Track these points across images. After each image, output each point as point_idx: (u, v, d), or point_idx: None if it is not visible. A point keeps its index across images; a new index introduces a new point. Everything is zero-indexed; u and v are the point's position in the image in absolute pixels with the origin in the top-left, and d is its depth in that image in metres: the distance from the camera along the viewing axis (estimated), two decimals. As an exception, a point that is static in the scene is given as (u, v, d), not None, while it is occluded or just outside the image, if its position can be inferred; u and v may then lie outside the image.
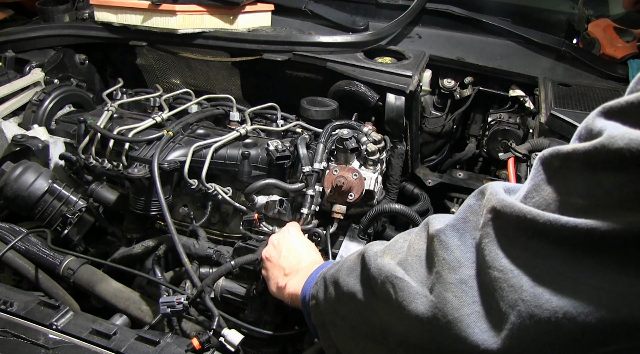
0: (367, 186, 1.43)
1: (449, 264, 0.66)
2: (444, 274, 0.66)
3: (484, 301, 0.62)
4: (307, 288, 0.99)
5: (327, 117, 1.61)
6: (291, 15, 2.09)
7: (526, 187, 0.61)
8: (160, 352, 1.02)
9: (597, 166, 0.52)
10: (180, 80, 2.07)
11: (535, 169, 0.61)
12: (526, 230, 0.57)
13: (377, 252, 0.80)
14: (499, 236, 0.61)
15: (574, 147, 0.55)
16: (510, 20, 1.98)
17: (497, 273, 0.59)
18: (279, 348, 1.33)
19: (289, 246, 1.19)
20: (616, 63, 1.86)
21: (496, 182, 0.68)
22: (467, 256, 0.65)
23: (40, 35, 1.98)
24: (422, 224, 0.78)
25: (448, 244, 0.68)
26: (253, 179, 1.49)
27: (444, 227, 0.70)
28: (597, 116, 0.55)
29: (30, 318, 1.08)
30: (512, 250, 0.59)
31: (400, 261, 0.75)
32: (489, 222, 0.63)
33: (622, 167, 0.50)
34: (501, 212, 0.61)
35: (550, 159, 0.58)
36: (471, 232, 0.67)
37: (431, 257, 0.70)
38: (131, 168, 1.43)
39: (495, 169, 2.05)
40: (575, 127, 1.43)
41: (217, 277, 1.25)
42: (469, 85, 1.96)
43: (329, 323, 0.90)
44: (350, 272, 0.84)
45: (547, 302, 0.54)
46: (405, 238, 0.81)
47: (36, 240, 1.47)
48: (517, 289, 0.57)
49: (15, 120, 1.74)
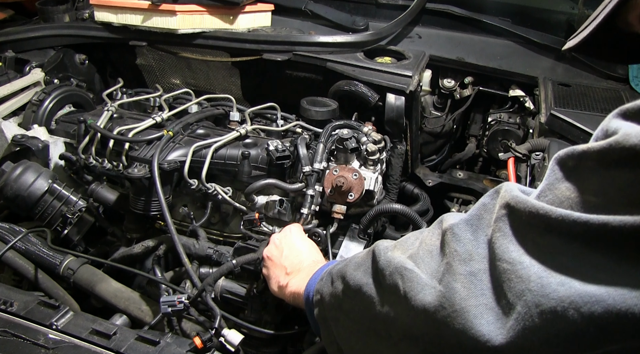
0: (367, 186, 1.43)
1: (460, 256, 0.66)
2: (454, 265, 0.66)
3: (492, 294, 0.62)
4: (310, 285, 0.99)
5: (327, 117, 1.61)
6: (291, 15, 2.09)
7: (541, 186, 0.62)
8: (160, 352, 1.02)
9: (611, 163, 0.53)
10: (180, 80, 2.07)
11: (551, 169, 0.61)
12: (538, 225, 0.58)
13: (387, 247, 0.81)
14: (511, 230, 0.61)
15: (588, 146, 0.55)
16: (510, 20, 1.98)
17: (506, 265, 0.60)
18: (279, 348, 1.33)
19: (290, 246, 1.19)
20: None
21: (512, 183, 0.69)
22: (479, 251, 0.66)
23: (40, 35, 1.98)
24: (436, 222, 0.78)
25: (460, 237, 0.68)
26: (253, 179, 1.49)
27: (457, 222, 0.71)
28: (613, 117, 0.56)
29: (30, 318, 1.08)
30: (524, 244, 0.59)
31: (411, 255, 0.75)
32: (502, 217, 0.63)
33: (636, 163, 0.50)
34: (514, 208, 0.61)
35: (565, 159, 0.59)
36: (484, 229, 0.67)
37: (443, 249, 0.71)
38: (131, 168, 1.43)
39: (495, 169, 2.05)
40: (576, 127, 1.45)
41: (219, 276, 1.26)
42: (469, 85, 1.96)
43: (331, 319, 0.89)
44: (359, 266, 0.84)
45: (553, 292, 0.54)
46: (417, 236, 0.81)
47: (36, 240, 1.47)
48: (525, 280, 0.57)
49: (15, 120, 1.75)
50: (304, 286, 1.01)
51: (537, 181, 1.34)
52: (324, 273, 0.95)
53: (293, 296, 1.06)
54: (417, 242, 0.78)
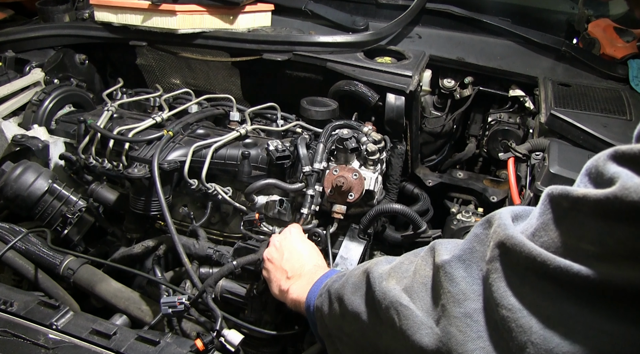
0: (367, 186, 1.43)
1: (454, 297, 0.66)
2: (449, 308, 0.66)
3: (490, 337, 0.62)
4: (311, 298, 1.00)
5: (327, 117, 1.61)
6: (291, 15, 2.09)
7: (534, 223, 0.61)
8: (160, 352, 1.02)
9: (609, 215, 0.52)
10: (180, 80, 2.07)
11: (544, 205, 0.60)
12: (536, 271, 0.57)
13: (382, 275, 0.81)
14: (507, 273, 0.61)
15: (584, 193, 0.54)
16: (510, 20, 1.98)
17: (505, 311, 0.59)
18: (279, 348, 1.33)
19: (291, 249, 1.19)
20: (616, 63, 1.86)
21: (504, 211, 0.67)
22: (473, 289, 0.66)
23: (40, 35, 1.98)
24: (428, 249, 0.77)
25: (454, 276, 0.68)
26: (253, 179, 1.49)
27: (450, 259, 0.70)
28: (608, 159, 0.55)
29: (30, 318, 1.08)
30: (521, 289, 0.59)
31: (405, 287, 0.75)
32: (497, 257, 0.62)
33: (636, 219, 0.49)
34: (510, 249, 0.60)
35: (559, 199, 0.58)
36: (477, 263, 0.67)
37: (437, 288, 0.70)
38: (131, 168, 1.42)
39: (495, 169, 2.05)
40: (576, 127, 1.45)
41: (219, 277, 1.25)
42: (469, 85, 1.96)
43: (335, 337, 0.92)
44: (356, 290, 0.85)
45: (557, 346, 0.54)
46: (411, 260, 0.80)
47: (36, 240, 1.47)
48: (527, 331, 0.56)
49: (15, 120, 1.75)
50: (305, 295, 1.03)
51: (537, 181, 1.34)
52: (323, 289, 0.97)
53: (294, 303, 1.08)
54: (411, 271, 0.77)
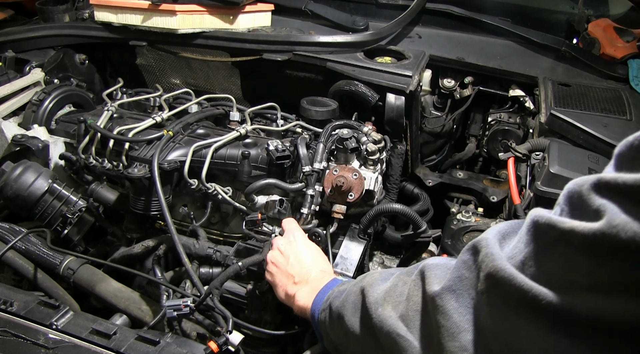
0: (367, 186, 1.43)
1: (448, 331, 0.67)
2: (444, 343, 0.67)
3: None
4: (315, 309, 1.03)
5: (327, 117, 1.61)
6: (291, 15, 2.09)
7: (522, 249, 0.60)
8: (160, 352, 1.02)
9: (598, 252, 0.51)
10: (180, 80, 2.07)
11: (530, 232, 0.60)
12: (528, 305, 0.57)
13: (377, 300, 0.82)
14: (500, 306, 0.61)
15: (571, 227, 0.53)
16: (510, 20, 1.98)
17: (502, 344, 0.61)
18: (279, 348, 1.33)
19: (296, 253, 1.18)
20: (616, 63, 1.86)
21: (490, 235, 0.67)
22: (467, 319, 0.66)
23: (40, 35, 1.98)
24: (418, 273, 0.78)
25: (446, 309, 0.68)
26: (253, 179, 1.49)
27: (440, 291, 0.70)
28: (592, 189, 0.54)
29: (30, 317, 1.08)
30: (516, 321, 0.59)
31: (401, 315, 0.77)
32: (488, 290, 0.62)
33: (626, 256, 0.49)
34: (500, 282, 0.60)
35: (545, 228, 0.57)
36: (468, 291, 0.67)
37: (430, 320, 0.71)
38: (131, 168, 1.42)
39: (495, 169, 2.05)
40: (576, 127, 1.45)
41: (225, 279, 1.23)
42: (469, 85, 1.96)
43: (341, 348, 0.95)
44: (355, 311, 0.87)
45: None
46: (404, 281, 0.81)
47: (36, 240, 1.46)
48: None
49: (15, 120, 1.75)
50: (310, 303, 1.05)
51: (537, 180, 1.34)
52: (325, 303, 0.99)
53: (301, 310, 1.09)
54: (405, 295, 0.78)
